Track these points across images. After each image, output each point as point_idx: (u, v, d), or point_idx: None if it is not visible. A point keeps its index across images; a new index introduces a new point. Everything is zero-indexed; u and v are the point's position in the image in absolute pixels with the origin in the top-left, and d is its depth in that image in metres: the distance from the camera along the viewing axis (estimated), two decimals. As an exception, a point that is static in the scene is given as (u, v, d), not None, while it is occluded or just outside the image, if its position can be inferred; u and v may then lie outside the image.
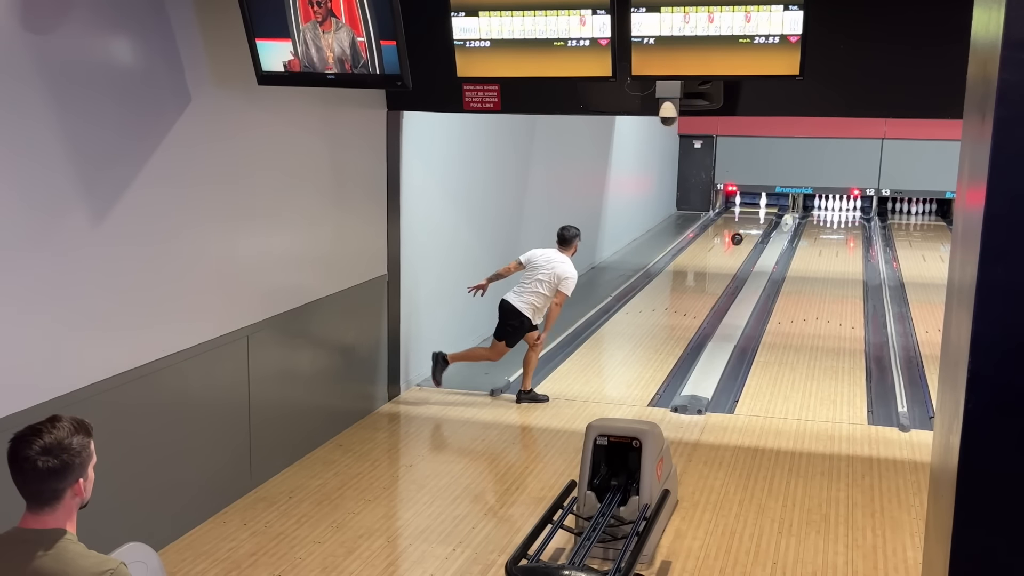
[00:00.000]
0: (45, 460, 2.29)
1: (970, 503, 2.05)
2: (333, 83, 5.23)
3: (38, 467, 2.29)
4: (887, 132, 20.34)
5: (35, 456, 2.29)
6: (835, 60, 5.93)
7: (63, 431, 2.34)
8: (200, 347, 5.37)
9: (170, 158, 5.03)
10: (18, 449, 2.32)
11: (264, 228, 5.96)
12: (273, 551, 5.24)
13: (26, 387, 4.22)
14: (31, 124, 4.17)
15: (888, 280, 14.08)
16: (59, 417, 2.38)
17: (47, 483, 2.32)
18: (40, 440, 2.30)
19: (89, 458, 2.40)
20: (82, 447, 2.36)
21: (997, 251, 1.93)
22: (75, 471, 2.35)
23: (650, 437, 5.30)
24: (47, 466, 2.29)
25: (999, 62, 1.89)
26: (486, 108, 6.89)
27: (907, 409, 7.81)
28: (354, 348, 7.24)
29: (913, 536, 5.51)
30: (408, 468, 6.66)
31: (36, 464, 2.29)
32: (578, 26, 4.98)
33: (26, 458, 2.30)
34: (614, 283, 13.35)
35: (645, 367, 9.28)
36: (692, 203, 22.25)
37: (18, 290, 4.16)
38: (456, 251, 8.99)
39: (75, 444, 2.34)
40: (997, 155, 1.91)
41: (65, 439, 2.32)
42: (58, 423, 2.35)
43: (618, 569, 4.55)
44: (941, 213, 21.68)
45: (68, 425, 2.36)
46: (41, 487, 2.32)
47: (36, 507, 2.35)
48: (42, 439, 2.31)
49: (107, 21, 4.60)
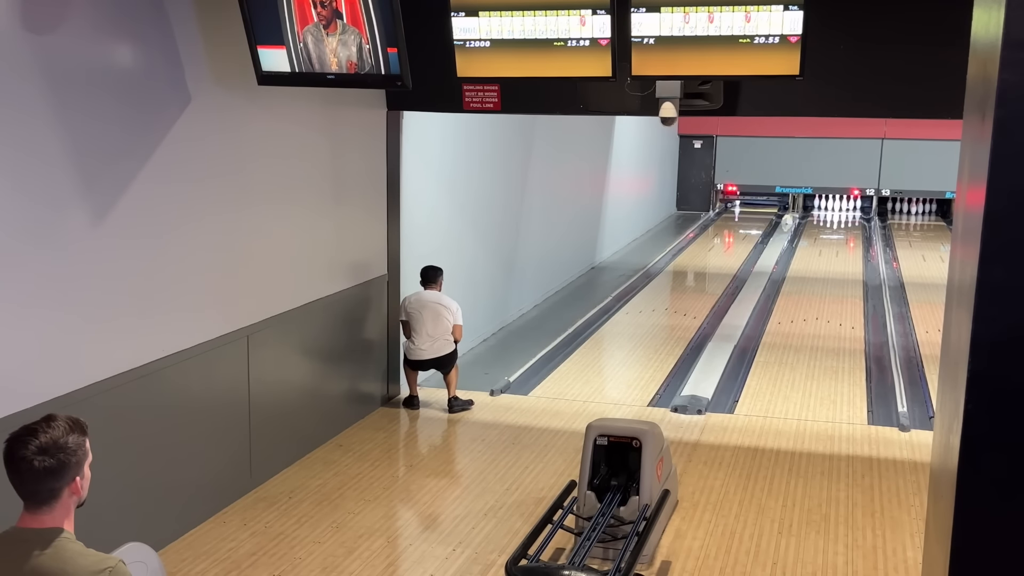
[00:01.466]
0: (42, 460, 2.29)
1: (970, 503, 2.05)
2: (333, 83, 5.23)
3: (35, 467, 2.29)
4: (887, 132, 20.34)
5: (31, 456, 2.29)
6: (835, 60, 5.93)
7: (58, 430, 2.34)
8: (200, 347, 5.37)
9: (170, 158, 5.03)
10: (14, 449, 2.32)
11: (264, 228, 5.96)
12: (273, 551, 5.24)
13: (26, 387, 4.22)
14: (32, 122, 4.17)
15: (888, 280, 14.08)
16: (54, 416, 2.38)
17: (44, 483, 2.32)
18: (36, 440, 2.31)
19: (85, 456, 2.40)
20: (78, 446, 2.36)
21: (997, 251, 1.93)
22: (72, 470, 2.35)
23: (650, 437, 5.30)
24: (43, 466, 2.30)
25: (999, 62, 1.89)
26: (486, 108, 6.89)
27: (907, 409, 7.81)
28: (354, 348, 7.24)
29: (913, 536, 5.51)
30: (408, 468, 6.66)
31: (33, 464, 2.29)
32: (578, 26, 4.98)
33: (22, 458, 2.30)
34: (614, 283, 13.35)
35: (645, 367, 9.28)
36: (692, 203, 22.26)
37: (18, 290, 4.16)
38: (456, 251, 8.99)
39: (71, 443, 2.34)
40: (997, 155, 1.91)
41: (61, 438, 2.32)
42: (53, 422, 2.35)
43: (618, 569, 4.55)
44: (941, 213, 21.68)
45: (63, 424, 2.36)
46: (38, 487, 2.33)
47: (34, 507, 2.35)
48: (38, 439, 2.31)
49: (108, 20, 4.60)
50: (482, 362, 9.11)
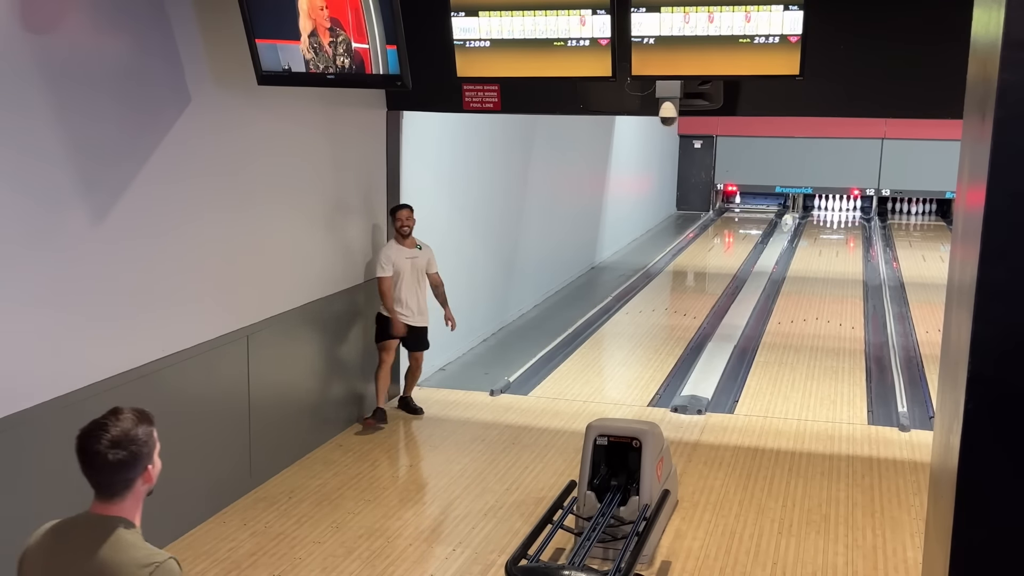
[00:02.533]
0: (115, 453, 2.34)
1: (970, 503, 2.05)
2: (333, 83, 5.23)
3: (109, 460, 2.34)
4: (887, 132, 20.34)
5: (105, 450, 2.34)
6: (835, 60, 5.93)
7: (128, 422, 2.39)
8: (200, 347, 5.37)
9: (170, 158, 5.03)
10: (87, 445, 2.36)
11: (264, 228, 5.96)
12: (273, 551, 5.24)
13: (26, 387, 4.22)
14: (31, 122, 4.17)
15: (888, 280, 14.08)
16: (120, 409, 2.43)
17: (119, 474, 2.37)
18: (108, 434, 2.35)
19: (154, 446, 2.45)
20: (148, 436, 2.42)
21: (997, 251, 1.93)
22: (144, 460, 2.40)
23: (650, 437, 5.30)
24: (117, 459, 2.34)
25: (999, 62, 1.88)
26: (486, 108, 6.88)
27: (907, 409, 7.81)
28: (354, 348, 7.23)
29: (913, 536, 5.51)
30: (408, 468, 6.66)
31: (107, 458, 2.34)
32: (578, 26, 4.98)
33: (96, 452, 2.34)
34: (614, 283, 13.35)
35: (645, 367, 9.28)
36: (692, 203, 22.26)
37: (18, 290, 4.16)
38: (456, 251, 8.98)
39: (141, 434, 2.39)
40: (997, 155, 1.91)
41: (131, 430, 2.38)
42: (121, 415, 2.40)
43: (618, 569, 4.55)
44: (941, 213, 21.68)
45: (131, 416, 2.41)
46: (113, 479, 2.37)
47: (107, 496, 2.40)
48: (109, 432, 2.35)
49: (108, 20, 4.60)
50: (482, 362, 9.11)
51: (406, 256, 7.10)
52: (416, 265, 7.15)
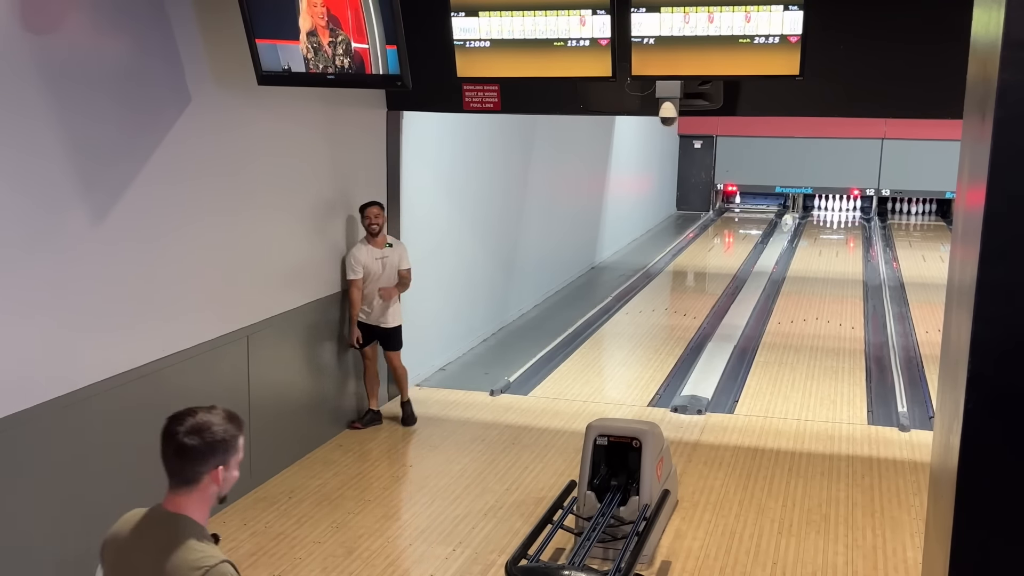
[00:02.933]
0: (190, 438, 2.35)
1: (970, 503, 2.04)
2: (333, 83, 5.23)
3: (181, 443, 2.35)
4: (887, 132, 20.33)
5: (181, 433, 2.35)
6: (835, 60, 5.93)
7: (215, 416, 2.40)
8: (200, 347, 5.37)
9: (170, 159, 5.03)
10: (169, 425, 2.39)
11: (264, 228, 5.96)
12: (273, 551, 5.24)
13: (26, 387, 4.22)
14: (31, 123, 4.17)
15: (888, 280, 14.08)
16: (216, 406, 2.45)
17: (186, 461, 2.37)
18: (192, 419, 2.37)
19: (234, 450, 2.43)
20: (230, 436, 2.41)
21: (997, 251, 1.93)
22: (215, 456, 2.38)
23: (650, 437, 5.30)
24: (189, 443, 2.35)
25: (999, 62, 1.88)
26: (486, 108, 6.88)
27: (907, 409, 7.81)
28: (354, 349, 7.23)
29: (913, 536, 5.51)
30: (408, 468, 6.66)
31: (181, 441, 2.35)
32: (578, 26, 4.98)
33: (173, 433, 2.36)
34: (614, 283, 13.35)
35: (645, 367, 9.28)
36: (692, 203, 22.25)
37: (18, 290, 4.16)
38: (456, 251, 8.98)
39: (221, 431, 2.39)
40: (997, 155, 1.91)
41: (216, 424, 2.38)
42: (213, 409, 2.42)
43: (618, 569, 4.55)
44: (941, 213, 21.67)
45: (222, 412, 2.42)
46: (182, 465, 2.37)
47: (175, 487, 2.40)
48: (194, 418, 2.37)
49: (108, 20, 4.60)
50: (482, 362, 9.11)
51: (376, 256, 6.92)
52: (387, 264, 6.97)
